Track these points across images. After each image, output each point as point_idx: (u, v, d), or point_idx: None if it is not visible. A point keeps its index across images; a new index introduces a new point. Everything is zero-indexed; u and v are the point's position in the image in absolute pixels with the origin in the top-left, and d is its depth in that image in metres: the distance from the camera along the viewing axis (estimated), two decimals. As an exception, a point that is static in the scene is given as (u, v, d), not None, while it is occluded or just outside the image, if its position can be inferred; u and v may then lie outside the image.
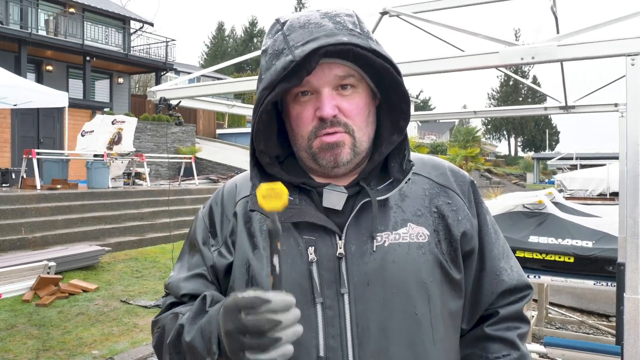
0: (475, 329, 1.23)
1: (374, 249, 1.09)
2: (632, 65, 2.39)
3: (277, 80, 1.04)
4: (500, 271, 1.23)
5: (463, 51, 3.78)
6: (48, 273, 7.32)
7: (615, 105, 4.54)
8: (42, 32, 19.74)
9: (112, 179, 14.10)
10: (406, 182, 1.17)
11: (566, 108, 4.87)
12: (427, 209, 1.17)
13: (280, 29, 1.10)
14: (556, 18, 3.97)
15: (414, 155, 1.23)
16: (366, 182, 1.15)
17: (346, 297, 1.07)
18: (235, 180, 1.29)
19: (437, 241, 1.14)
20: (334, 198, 1.13)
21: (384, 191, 1.13)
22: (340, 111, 1.09)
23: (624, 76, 2.50)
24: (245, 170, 1.32)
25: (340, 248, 1.09)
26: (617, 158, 4.30)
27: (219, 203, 1.25)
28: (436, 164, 1.27)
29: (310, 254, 1.09)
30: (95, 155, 13.74)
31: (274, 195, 0.88)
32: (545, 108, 5.23)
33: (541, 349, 4.08)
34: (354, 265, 1.08)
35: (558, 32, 3.94)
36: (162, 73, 24.62)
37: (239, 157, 24.94)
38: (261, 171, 1.15)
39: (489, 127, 67.16)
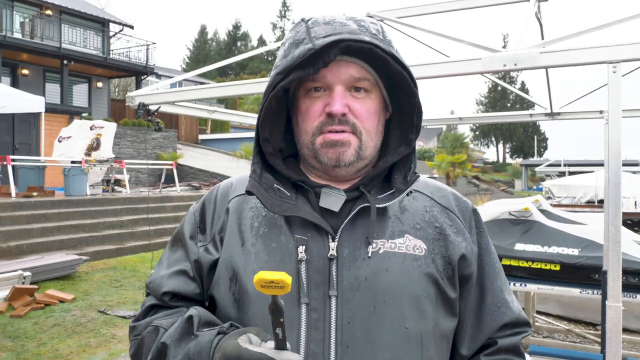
0: (472, 359, 1.22)
1: (369, 255, 1.08)
2: (614, 72, 2.44)
3: (293, 67, 1.05)
4: (503, 303, 1.23)
5: (448, 57, 3.84)
6: (23, 283, 7.24)
7: (601, 112, 4.62)
8: (18, 35, 19.59)
9: (91, 186, 13.97)
10: (407, 195, 1.18)
11: (552, 115, 4.94)
12: (426, 224, 1.17)
13: (304, 23, 1.13)
14: (541, 24, 4.04)
15: (419, 178, 1.24)
16: (367, 189, 1.15)
17: (334, 300, 1.05)
18: (232, 179, 1.30)
19: (434, 257, 1.13)
20: (332, 199, 1.14)
21: (384, 200, 1.13)
22: (351, 111, 1.10)
23: (607, 84, 2.56)
24: (229, 177, 1.33)
25: (332, 250, 1.08)
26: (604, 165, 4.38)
27: (212, 200, 1.26)
28: (440, 187, 1.28)
29: (300, 252, 1.08)
30: (72, 162, 13.60)
31: (275, 287, 0.83)
32: (531, 115, 5.31)
33: (527, 357, 4.12)
34: (344, 268, 1.07)
35: (543, 39, 4.01)
36: (142, 77, 24.51)
37: (222, 163, 24.86)
38: (263, 160, 1.16)
39: (477, 133, 67.65)
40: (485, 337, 1.21)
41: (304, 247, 1.09)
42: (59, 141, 14.49)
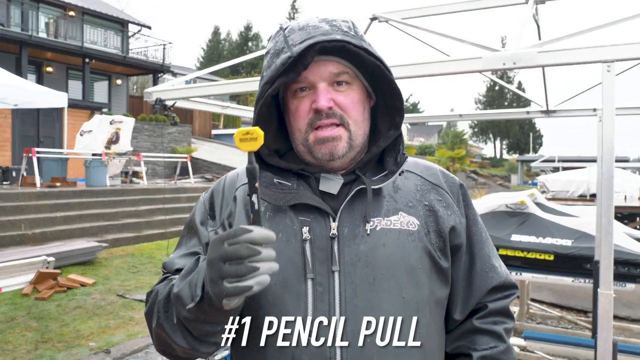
0: (465, 322, 1.25)
1: (368, 233, 1.12)
2: (608, 71, 2.42)
3: (277, 75, 1.09)
4: (491, 268, 1.27)
5: (449, 56, 3.81)
6: (47, 268, 7.28)
7: (594, 110, 4.58)
8: (43, 35, 19.61)
9: (110, 177, 14.02)
10: (400, 175, 1.22)
11: (547, 112, 4.91)
12: (418, 202, 1.20)
13: (282, 32, 1.16)
14: (538, 26, 4.01)
15: (409, 158, 1.27)
16: (362, 172, 1.18)
17: (337, 274, 1.09)
18: (238, 170, 1.32)
19: (427, 231, 1.17)
20: (330, 183, 1.17)
21: (378, 181, 1.16)
22: (336, 104, 1.13)
23: (601, 82, 2.53)
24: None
25: (333, 229, 1.12)
26: (596, 161, 4.34)
27: (220, 189, 1.27)
28: (429, 166, 1.31)
29: (305, 233, 1.11)
30: (93, 154, 13.64)
31: (250, 139, 0.91)
32: (528, 112, 5.28)
33: (521, 342, 4.13)
34: (345, 245, 1.11)
35: (540, 39, 3.98)
36: (159, 75, 24.46)
37: (234, 156, 24.84)
38: (261, 162, 1.18)
39: (476, 130, 67.33)
40: (476, 300, 1.25)
41: (307, 227, 1.12)
42: (81, 135, 14.53)
